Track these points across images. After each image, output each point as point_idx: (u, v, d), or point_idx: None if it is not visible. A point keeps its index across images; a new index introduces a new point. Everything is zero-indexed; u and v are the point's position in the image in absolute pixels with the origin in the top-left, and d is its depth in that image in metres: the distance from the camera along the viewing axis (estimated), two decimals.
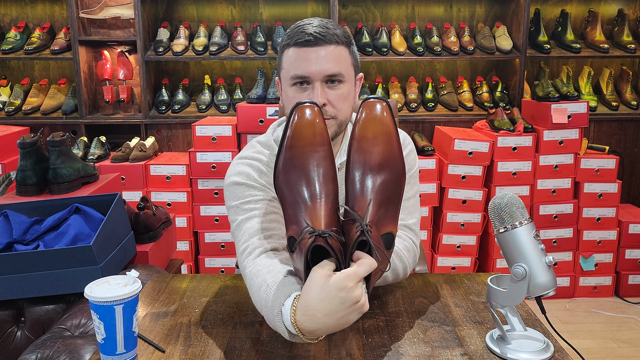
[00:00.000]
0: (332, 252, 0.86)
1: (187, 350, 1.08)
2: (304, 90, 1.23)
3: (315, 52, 1.20)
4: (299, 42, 1.21)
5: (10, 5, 3.41)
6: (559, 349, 1.08)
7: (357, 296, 0.88)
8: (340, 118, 1.25)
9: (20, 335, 1.55)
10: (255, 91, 3.10)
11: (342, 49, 1.23)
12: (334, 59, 1.21)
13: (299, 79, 1.22)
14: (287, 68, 1.24)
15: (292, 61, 1.22)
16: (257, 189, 1.22)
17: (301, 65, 1.21)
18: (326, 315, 0.88)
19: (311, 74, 1.20)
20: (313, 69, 1.20)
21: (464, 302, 1.28)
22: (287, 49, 1.23)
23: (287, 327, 0.93)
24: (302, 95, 1.23)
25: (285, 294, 0.95)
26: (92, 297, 0.99)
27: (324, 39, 1.20)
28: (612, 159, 3.08)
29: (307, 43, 1.20)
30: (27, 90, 3.38)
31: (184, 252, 3.00)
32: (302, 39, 1.20)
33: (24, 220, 1.66)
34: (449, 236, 3.04)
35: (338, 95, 1.23)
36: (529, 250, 1.05)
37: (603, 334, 2.79)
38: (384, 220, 0.92)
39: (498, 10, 3.49)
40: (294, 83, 1.23)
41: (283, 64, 1.25)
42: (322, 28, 1.21)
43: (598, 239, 3.12)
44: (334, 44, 1.21)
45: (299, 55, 1.21)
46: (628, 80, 3.40)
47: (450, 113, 3.33)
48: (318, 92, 1.20)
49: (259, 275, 1.05)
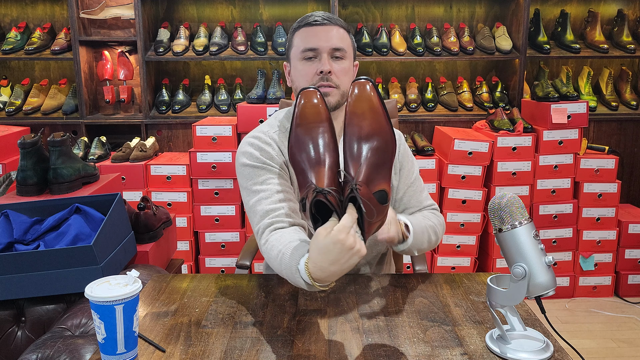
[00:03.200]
0: (330, 205, 1.02)
1: (187, 350, 1.08)
2: (312, 62, 1.42)
3: (323, 29, 1.42)
4: (309, 23, 1.42)
5: (10, 6, 3.41)
6: (558, 349, 1.08)
7: (350, 244, 1.01)
8: (342, 88, 1.43)
9: (21, 335, 1.55)
10: (255, 91, 3.10)
11: (345, 32, 1.45)
12: (339, 37, 1.43)
13: (309, 51, 1.41)
14: (297, 45, 1.44)
15: (303, 37, 1.43)
16: (261, 168, 1.40)
17: (311, 39, 1.41)
18: (331, 264, 1.03)
19: (320, 46, 1.40)
20: (322, 42, 1.40)
21: (464, 302, 1.28)
22: (298, 30, 1.45)
23: (305, 280, 1.09)
24: (311, 66, 1.41)
25: (299, 255, 1.12)
26: (92, 296, 0.99)
27: (330, 21, 1.43)
28: (612, 159, 3.08)
29: (316, 23, 1.42)
30: (28, 90, 3.38)
31: (184, 252, 3.00)
32: (311, 20, 1.42)
33: (24, 220, 1.66)
34: (448, 236, 3.04)
35: (341, 68, 1.42)
36: (529, 250, 1.05)
37: (603, 333, 2.79)
38: (375, 180, 1.06)
39: (498, 11, 3.49)
40: (303, 57, 1.42)
41: (294, 42, 1.45)
42: (328, 15, 1.45)
43: (598, 239, 3.12)
44: (338, 26, 1.44)
45: (309, 33, 1.42)
46: (628, 81, 3.40)
47: (450, 113, 3.33)
48: (325, 61, 1.40)
49: (273, 248, 1.23)
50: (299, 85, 1.45)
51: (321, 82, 1.40)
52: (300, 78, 1.43)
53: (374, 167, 1.06)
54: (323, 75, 1.40)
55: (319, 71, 1.40)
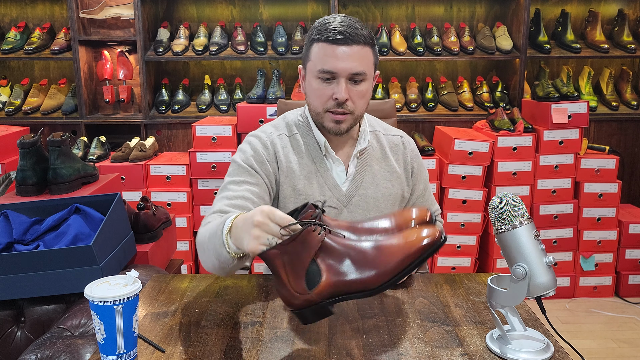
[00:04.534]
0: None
1: (187, 350, 1.08)
2: (329, 84, 1.37)
3: (343, 50, 1.33)
4: (329, 39, 1.34)
5: (10, 5, 3.41)
6: (559, 349, 1.08)
7: (257, 220, 1.00)
8: (356, 113, 1.41)
9: (20, 335, 1.55)
10: (255, 91, 3.10)
11: (367, 50, 1.37)
12: (359, 58, 1.35)
13: (326, 73, 1.35)
14: (314, 61, 1.38)
15: (321, 56, 1.35)
16: (244, 170, 1.42)
17: (329, 61, 1.34)
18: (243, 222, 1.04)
19: (338, 71, 1.34)
20: (340, 66, 1.34)
21: (464, 302, 1.28)
22: (317, 43, 1.37)
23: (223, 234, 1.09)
24: (327, 88, 1.37)
25: (225, 218, 1.13)
26: (92, 297, 0.99)
27: (352, 38, 1.33)
28: (612, 159, 3.08)
29: (336, 41, 1.33)
30: (27, 90, 3.38)
31: (184, 252, 3.00)
32: (332, 36, 1.33)
33: (24, 220, 1.66)
34: (449, 236, 3.04)
35: (358, 92, 1.38)
36: (529, 250, 1.05)
37: (603, 334, 2.79)
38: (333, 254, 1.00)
39: (498, 10, 3.49)
40: (320, 76, 1.37)
41: (311, 56, 1.39)
42: (351, 28, 1.34)
43: (598, 239, 3.12)
44: (360, 44, 1.35)
45: (327, 52, 1.34)
46: (628, 80, 3.40)
47: (451, 113, 3.33)
48: (342, 88, 1.35)
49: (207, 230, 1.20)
50: (312, 102, 1.43)
51: (335, 109, 1.38)
52: (315, 98, 1.41)
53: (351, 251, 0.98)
54: (338, 102, 1.37)
55: (335, 97, 1.37)
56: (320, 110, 1.41)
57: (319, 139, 1.48)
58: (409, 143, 1.60)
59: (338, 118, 1.39)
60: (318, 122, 1.45)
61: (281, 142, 1.48)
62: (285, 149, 1.48)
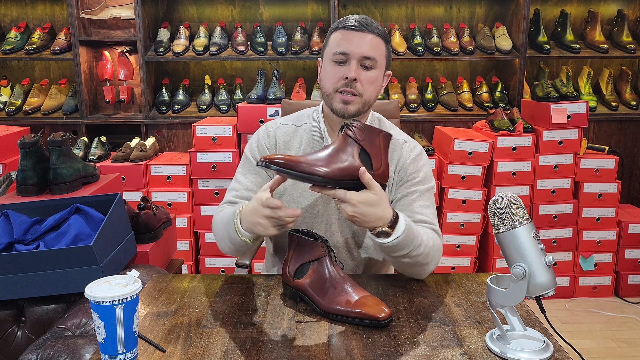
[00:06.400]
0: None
1: (187, 350, 1.08)
2: (342, 66, 1.42)
3: (357, 36, 1.41)
4: (346, 26, 1.43)
5: (10, 6, 3.42)
6: (558, 349, 1.08)
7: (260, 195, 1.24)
8: (365, 98, 1.43)
9: (21, 335, 1.55)
10: (255, 91, 3.10)
11: (380, 41, 1.44)
12: (372, 45, 1.42)
13: (340, 55, 1.42)
14: (331, 46, 1.45)
15: (337, 40, 1.43)
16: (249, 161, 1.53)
17: (343, 44, 1.42)
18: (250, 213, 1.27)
19: (350, 52, 1.41)
20: (353, 47, 1.41)
21: (464, 302, 1.28)
22: (335, 31, 1.45)
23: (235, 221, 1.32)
24: (339, 70, 1.42)
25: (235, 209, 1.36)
26: (92, 297, 0.99)
27: (367, 27, 1.42)
28: (612, 159, 3.09)
29: (352, 27, 1.42)
30: (28, 90, 3.38)
31: (184, 252, 3.00)
32: (349, 24, 1.43)
33: (24, 220, 1.66)
34: (448, 236, 3.04)
35: (368, 77, 1.42)
36: (529, 250, 1.05)
37: (603, 333, 2.79)
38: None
39: (498, 11, 3.49)
40: (334, 59, 1.43)
41: (329, 43, 1.46)
42: (368, 20, 1.44)
43: (598, 239, 3.12)
44: (374, 34, 1.42)
45: (344, 36, 1.42)
46: (627, 81, 3.40)
47: (450, 113, 3.33)
48: (353, 67, 1.40)
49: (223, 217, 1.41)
50: (324, 85, 1.46)
51: (344, 88, 1.41)
52: (327, 79, 1.45)
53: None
54: (348, 82, 1.40)
55: (345, 76, 1.40)
56: (330, 90, 1.44)
57: (322, 127, 1.51)
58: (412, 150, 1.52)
59: (346, 98, 1.41)
60: (328, 105, 1.46)
61: (285, 131, 1.54)
62: (287, 136, 1.54)
